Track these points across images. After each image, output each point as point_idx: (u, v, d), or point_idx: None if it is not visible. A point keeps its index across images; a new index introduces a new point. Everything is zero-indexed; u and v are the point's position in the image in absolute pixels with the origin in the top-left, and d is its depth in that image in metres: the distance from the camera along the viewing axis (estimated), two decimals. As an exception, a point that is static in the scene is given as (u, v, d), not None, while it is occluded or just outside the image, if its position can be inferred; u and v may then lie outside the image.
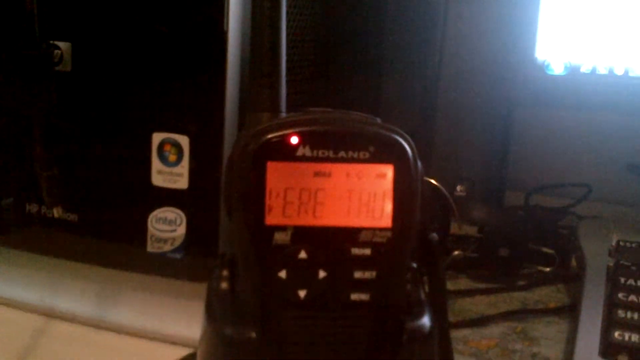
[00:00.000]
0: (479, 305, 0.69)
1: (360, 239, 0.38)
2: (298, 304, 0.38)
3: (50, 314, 0.61)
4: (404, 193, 0.38)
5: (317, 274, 0.38)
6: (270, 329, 0.39)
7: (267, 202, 0.38)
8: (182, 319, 0.56)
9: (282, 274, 0.38)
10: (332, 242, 0.38)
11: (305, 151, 0.38)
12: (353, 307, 0.39)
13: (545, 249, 0.77)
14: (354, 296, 0.39)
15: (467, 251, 0.75)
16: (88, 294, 0.60)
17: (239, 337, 0.39)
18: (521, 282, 0.75)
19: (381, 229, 0.38)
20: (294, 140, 0.38)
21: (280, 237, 0.38)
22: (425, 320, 0.40)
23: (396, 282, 0.40)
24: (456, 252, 0.75)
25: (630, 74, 0.80)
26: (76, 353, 0.57)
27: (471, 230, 0.79)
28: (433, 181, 0.77)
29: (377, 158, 0.38)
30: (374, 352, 0.39)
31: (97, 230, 0.57)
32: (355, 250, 0.39)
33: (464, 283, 0.75)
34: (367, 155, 0.38)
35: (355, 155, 0.38)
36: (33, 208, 0.59)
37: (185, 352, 0.54)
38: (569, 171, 0.98)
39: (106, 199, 0.57)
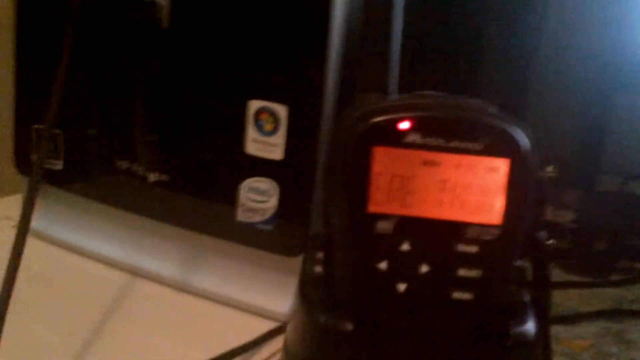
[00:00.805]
0: (571, 300, 0.66)
1: (467, 235, 0.36)
2: (397, 298, 0.37)
3: (135, 272, 0.61)
4: (518, 189, 0.36)
5: (419, 268, 0.37)
6: (365, 321, 0.37)
7: (371, 188, 0.36)
8: (267, 291, 0.55)
9: (383, 265, 0.37)
10: (438, 236, 0.36)
11: (415, 138, 0.36)
12: (454, 306, 0.37)
13: (643, 244, 0.73)
14: (456, 294, 0.37)
15: (561, 241, 0.72)
16: (174, 256, 0.59)
17: (334, 327, 0.37)
18: (616, 278, 0.71)
19: (490, 226, 0.36)
20: (404, 125, 0.36)
21: (383, 226, 0.36)
22: (530, 326, 0.38)
23: (501, 283, 0.38)
24: (550, 241, 0.72)
25: None
26: (158, 313, 0.56)
27: (564, 217, 0.76)
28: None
29: (492, 151, 0.36)
30: (474, 355, 0.37)
31: (188, 193, 0.56)
32: (461, 247, 0.37)
33: (555, 274, 0.72)
34: (481, 146, 0.36)
35: (468, 146, 0.36)
36: (124, 164, 0.58)
37: (266, 325, 0.53)
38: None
39: (199, 162, 0.56)
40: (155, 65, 0.54)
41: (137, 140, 0.54)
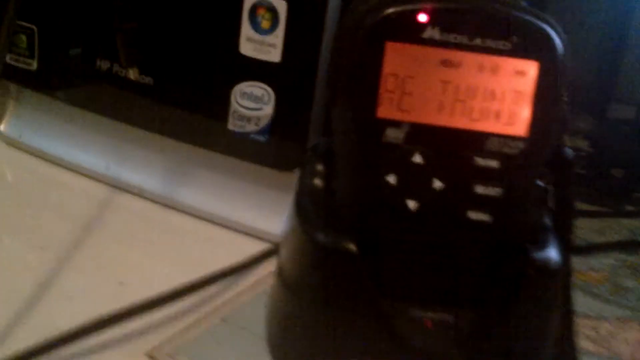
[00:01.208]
0: (584, 229, 0.62)
1: (487, 147, 0.32)
2: (406, 216, 0.33)
3: (116, 185, 0.56)
4: (547, 97, 0.32)
5: (432, 183, 0.32)
6: (370, 241, 0.33)
7: (381, 90, 0.32)
8: (260, 209, 0.50)
9: (391, 178, 0.32)
10: (454, 148, 0.32)
11: (434, 33, 0.31)
12: (471, 227, 0.33)
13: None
14: (473, 215, 0.33)
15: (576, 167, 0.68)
16: (158, 168, 0.55)
17: (335, 246, 0.33)
18: (630, 208, 0.67)
19: (514, 138, 0.32)
20: (422, 18, 0.31)
21: (393, 135, 0.32)
22: (554, 253, 0.34)
23: (524, 205, 0.33)
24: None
25: None
26: (140, 229, 0.52)
27: (580, 143, 0.71)
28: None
29: (520, 51, 0.31)
30: (492, 283, 0.33)
31: (174, 98, 0.51)
32: (480, 161, 0.32)
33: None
34: (509, 46, 0.31)
35: (494, 44, 0.31)
36: (104, 64, 0.53)
37: (258, 246, 0.49)
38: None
39: (187, 64, 0.50)
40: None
41: (115, 29, 0.48)
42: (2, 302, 0.42)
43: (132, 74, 0.51)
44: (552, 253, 0.34)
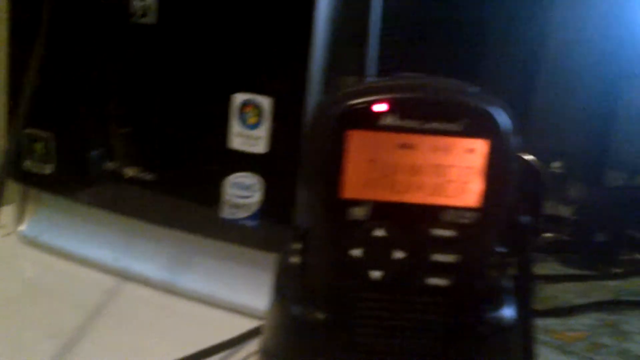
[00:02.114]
0: (568, 293, 0.65)
1: (443, 219, 0.35)
2: (372, 286, 0.36)
3: (124, 275, 0.60)
4: (498, 171, 0.35)
5: (393, 254, 0.36)
6: (340, 310, 0.36)
7: (345, 174, 0.35)
8: (254, 289, 0.53)
9: (357, 252, 0.36)
10: (413, 221, 0.35)
11: (391, 120, 0.35)
12: (430, 292, 0.36)
13: (645, 236, 0.72)
14: (433, 280, 0.36)
15: (560, 234, 0.71)
16: (161, 257, 0.59)
17: (306, 317, 0.36)
18: (617, 270, 0.70)
19: (468, 209, 0.35)
20: (379, 107, 0.35)
21: (357, 212, 0.35)
22: (508, 312, 0.37)
23: (479, 269, 0.37)
24: (548, 234, 0.71)
25: None
26: (146, 316, 0.55)
27: (566, 211, 0.74)
28: (526, 156, 0.73)
29: (470, 131, 0.35)
30: (450, 341, 0.36)
31: (172, 192, 0.55)
32: (438, 231, 0.36)
33: (553, 267, 0.70)
34: (459, 127, 0.35)
35: (446, 127, 0.35)
36: (110, 166, 0.57)
37: (254, 324, 0.52)
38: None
39: (183, 160, 0.55)
40: (138, 59, 0.54)
41: (112, 133, 0.53)
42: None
43: (131, 172, 0.55)
44: (507, 312, 0.37)
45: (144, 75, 0.55)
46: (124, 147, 0.54)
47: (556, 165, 0.83)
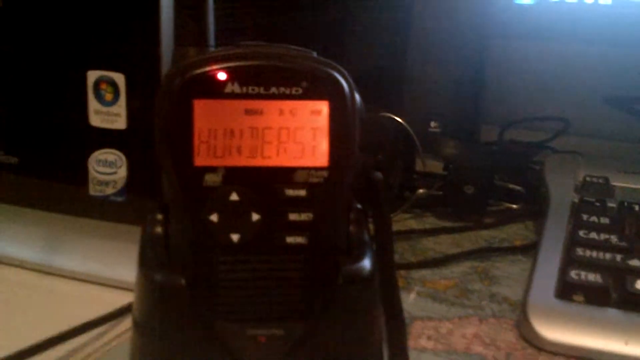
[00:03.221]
0: (442, 244, 0.67)
1: (294, 179, 0.37)
2: (231, 248, 0.37)
3: (-1, 260, 0.60)
4: (341, 130, 0.37)
5: (250, 216, 0.37)
6: (201, 274, 0.37)
7: (196, 142, 0.36)
8: (127, 263, 0.54)
9: (214, 217, 0.37)
10: (265, 183, 0.37)
11: (234, 88, 0.36)
12: (289, 251, 0.37)
13: (512, 185, 0.75)
14: (290, 239, 0.37)
15: (431, 189, 0.74)
16: (34, 239, 0.58)
17: (168, 283, 0.37)
18: (487, 220, 0.73)
19: (317, 169, 0.37)
20: (222, 76, 0.36)
21: (211, 179, 0.36)
22: (365, 263, 0.38)
23: (334, 224, 0.38)
24: (421, 190, 0.73)
25: (600, 1, 0.77)
26: (23, 299, 0.55)
27: (437, 168, 0.77)
28: (397, 118, 0.76)
29: (311, 94, 0.36)
30: (309, 296, 0.37)
31: (39, 173, 0.55)
32: (290, 192, 0.37)
33: (429, 222, 0.73)
34: (300, 91, 0.36)
35: (288, 91, 0.36)
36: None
37: (131, 297, 0.53)
38: (547, 105, 0.96)
39: (47, 140, 0.55)
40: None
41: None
42: None
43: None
44: (363, 264, 0.38)
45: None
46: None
47: (433, 125, 0.86)
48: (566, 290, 0.52)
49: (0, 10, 0.53)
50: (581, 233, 0.59)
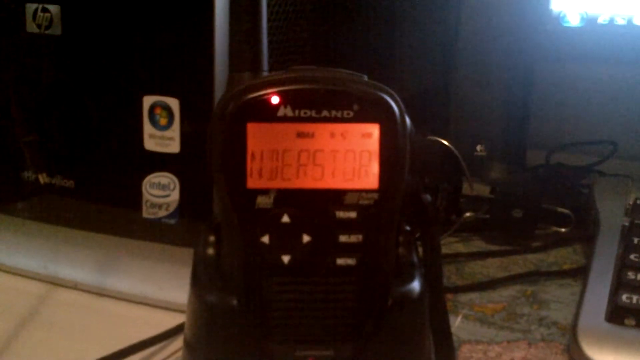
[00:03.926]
0: (490, 268, 0.67)
1: (345, 201, 0.37)
2: (281, 270, 0.38)
3: (53, 282, 0.61)
4: (391, 153, 0.37)
5: (301, 238, 0.37)
6: (252, 295, 0.38)
7: (249, 165, 0.37)
8: (179, 285, 0.55)
9: (265, 238, 0.37)
10: (316, 206, 0.37)
11: (287, 111, 0.37)
12: (339, 272, 0.38)
13: (560, 209, 0.74)
14: (340, 261, 0.38)
15: (478, 212, 0.74)
16: (88, 261, 0.59)
17: (220, 304, 0.38)
18: (536, 244, 0.72)
19: (367, 191, 0.37)
20: (275, 100, 0.36)
21: (263, 201, 0.37)
22: (415, 285, 0.39)
23: (384, 246, 0.39)
24: (467, 214, 0.73)
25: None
26: (77, 320, 0.56)
27: (484, 191, 0.77)
28: (444, 141, 0.76)
29: (362, 117, 0.37)
30: (358, 317, 0.38)
31: (94, 196, 0.57)
32: (340, 214, 0.37)
33: (476, 245, 0.73)
34: (352, 114, 0.37)
35: (339, 114, 0.37)
36: (31, 176, 0.58)
37: (183, 318, 0.54)
38: (595, 128, 0.95)
39: (101, 164, 0.56)
40: (48, 71, 0.55)
41: (19, 142, 0.54)
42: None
43: (42, 179, 0.56)
44: (413, 285, 0.39)
45: (57, 85, 0.56)
46: (29, 156, 0.56)
47: (480, 148, 0.86)
48: (617, 314, 0.52)
49: (59, 37, 0.54)
50: (632, 256, 0.58)
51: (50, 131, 0.56)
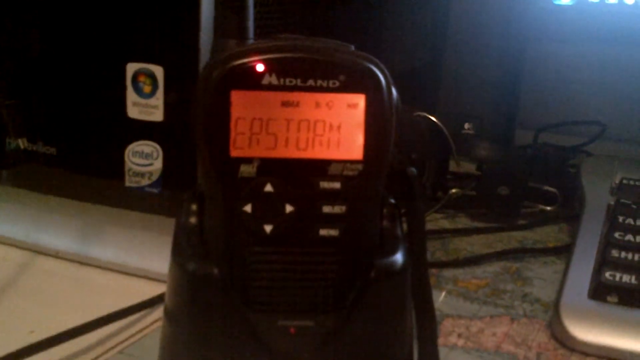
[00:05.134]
0: (474, 245, 0.67)
1: (329, 172, 0.37)
2: (264, 239, 0.37)
3: (35, 250, 0.60)
4: (377, 124, 0.37)
5: (283, 208, 0.37)
6: (234, 264, 0.37)
7: (232, 133, 0.36)
8: (161, 254, 0.55)
9: (248, 207, 0.37)
10: (300, 175, 0.37)
11: (272, 79, 0.36)
12: (322, 243, 0.37)
13: (547, 187, 0.74)
14: (323, 232, 0.37)
15: (465, 189, 0.73)
16: (70, 229, 0.59)
17: (201, 273, 0.37)
18: (521, 222, 0.72)
19: (352, 162, 0.37)
20: (260, 67, 0.36)
21: (246, 170, 0.37)
22: (398, 257, 0.39)
23: (367, 218, 0.38)
24: (454, 190, 0.73)
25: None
26: (58, 288, 0.56)
27: (471, 168, 0.77)
28: (432, 117, 0.76)
29: (348, 87, 0.36)
30: (340, 289, 0.37)
31: (77, 164, 0.56)
32: (324, 184, 0.37)
33: (462, 222, 0.73)
34: (338, 84, 0.36)
35: (325, 84, 0.36)
36: (13, 143, 0.58)
37: (164, 288, 0.53)
38: (583, 109, 0.95)
39: (84, 131, 0.55)
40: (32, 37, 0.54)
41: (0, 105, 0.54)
42: None
43: (22, 144, 0.55)
44: (396, 258, 0.38)
45: (39, 51, 0.55)
46: (10, 119, 0.55)
47: (467, 126, 0.86)
48: (600, 291, 0.52)
49: (42, 2, 0.53)
50: (617, 235, 0.58)
51: (33, 97, 0.55)
